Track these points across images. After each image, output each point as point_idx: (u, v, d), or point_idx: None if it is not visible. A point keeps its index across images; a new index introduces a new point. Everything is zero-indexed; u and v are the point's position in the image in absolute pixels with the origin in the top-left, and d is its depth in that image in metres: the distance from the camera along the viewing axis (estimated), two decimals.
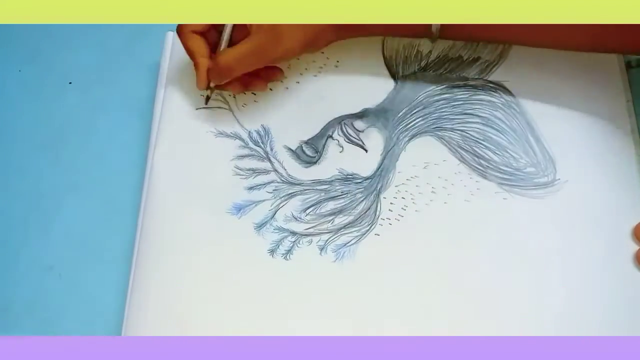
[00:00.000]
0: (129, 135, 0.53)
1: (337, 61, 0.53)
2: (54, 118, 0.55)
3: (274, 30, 0.45)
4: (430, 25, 0.46)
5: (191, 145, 0.50)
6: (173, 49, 0.53)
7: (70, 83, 0.56)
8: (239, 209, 0.48)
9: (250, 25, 0.46)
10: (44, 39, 0.58)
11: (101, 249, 0.49)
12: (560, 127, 0.49)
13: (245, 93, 0.52)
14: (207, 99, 0.50)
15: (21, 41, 0.59)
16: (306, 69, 0.53)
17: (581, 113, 0.50)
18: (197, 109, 0.51)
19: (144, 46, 0.57)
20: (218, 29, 0.48)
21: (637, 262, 0.45)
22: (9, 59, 0.58)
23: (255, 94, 0.52)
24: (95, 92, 0.56)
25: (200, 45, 0.47)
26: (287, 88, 0.52)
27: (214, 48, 0.48)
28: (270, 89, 0.52)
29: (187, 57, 0.51)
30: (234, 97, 0.52)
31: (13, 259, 0.50)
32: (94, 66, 0.57)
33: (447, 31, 0.47)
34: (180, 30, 0.48)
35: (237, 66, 0.46)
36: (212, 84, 0.49)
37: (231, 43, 0.48)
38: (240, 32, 0.47)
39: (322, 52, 0.52)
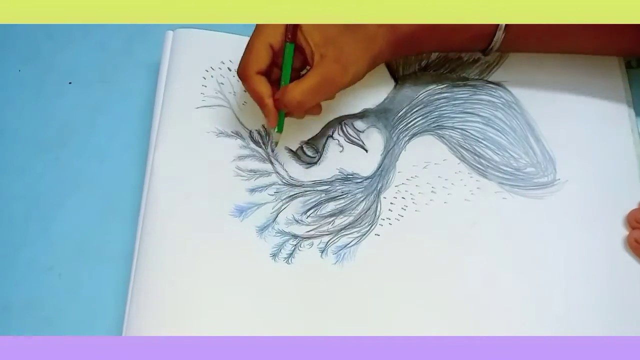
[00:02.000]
0: (129, 135, 0.53)
1: None
2: (54, 118, 0.55)
3: (339, 59, 0.44)
4: (490, 38, 0.46)
5: (192, 145, 0.50)
6: (173, 49, 0.53)
7: (70, 83, 0.56)
8: (241, 211, 0.48)
9: (312, 54, 0.44)
10: (44, 39, 0.58)
11: (101, 249, 0.49)
12: (560, 127, 0.49)
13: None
14: (276, 143, 0.49)
15: (21, 41, 0.59)
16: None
17: (581, 113, 0.50)
18: (197, 108, 0.51)
19: (144, 46, 0.56)
20: (278, 64, 0.46)
21: (630, 249, 0.45)
22: (9, 59, 0.58)
23: None
24: (95, 92, 0.56)
25: (266, 86, 0.45)
26: None
27: (275, 83, 0.46)
28: None
29: (187, 57, 0.51)
30: (234, 94, 0.52)
31: (13, 259, 0.50)
32: (94, 66, 0.57)
33: (508, 40, 0.46)
34: (244, 72, 0.45)
35: (306, 100, 0.44)
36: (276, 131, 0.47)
37: (293, 71, 0.46)
38: (298, 59, 0.46)
39: None
